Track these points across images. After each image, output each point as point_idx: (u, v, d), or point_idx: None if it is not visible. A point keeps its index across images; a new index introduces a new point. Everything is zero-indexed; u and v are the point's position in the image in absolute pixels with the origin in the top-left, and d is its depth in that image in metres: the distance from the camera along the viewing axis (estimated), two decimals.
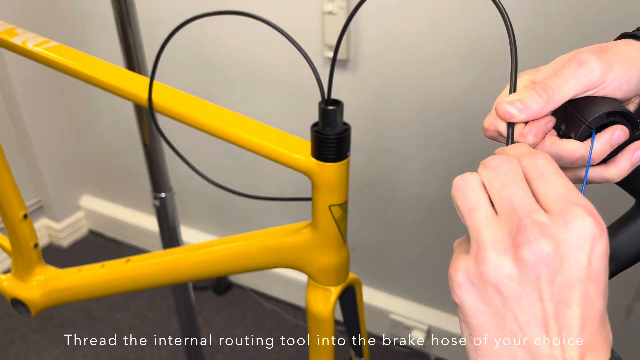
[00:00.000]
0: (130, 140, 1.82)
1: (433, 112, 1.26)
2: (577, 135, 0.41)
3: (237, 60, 1.45)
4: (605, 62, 0.41)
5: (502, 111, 0.41)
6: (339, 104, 0.56)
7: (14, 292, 1.02)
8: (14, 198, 0.96)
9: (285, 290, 1.79)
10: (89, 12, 1.63)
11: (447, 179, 1.34)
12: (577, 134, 0.41)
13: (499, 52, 1.13)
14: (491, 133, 0.44)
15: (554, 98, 0.41)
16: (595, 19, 1.02)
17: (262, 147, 0.61)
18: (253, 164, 1.61)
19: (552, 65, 0.45)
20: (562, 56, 0.45)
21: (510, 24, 0.42)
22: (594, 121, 0.40)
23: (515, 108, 0.41)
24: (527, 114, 0.41)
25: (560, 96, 0.41)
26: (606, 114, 0.40)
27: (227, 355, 1.65)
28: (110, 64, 0.74)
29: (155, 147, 1.04)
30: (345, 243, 0.66)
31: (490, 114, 0.44)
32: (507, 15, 0.42)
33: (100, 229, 2.14)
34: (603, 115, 0.40)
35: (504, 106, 0.41)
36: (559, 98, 0.41)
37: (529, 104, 0.41)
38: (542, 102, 0.41)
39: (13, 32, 0.79)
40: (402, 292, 1.60)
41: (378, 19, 1.21)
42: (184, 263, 0.79)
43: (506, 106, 0.41)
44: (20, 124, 1.83)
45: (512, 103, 0.41)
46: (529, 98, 0.41)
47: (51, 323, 1.76)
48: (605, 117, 0.40)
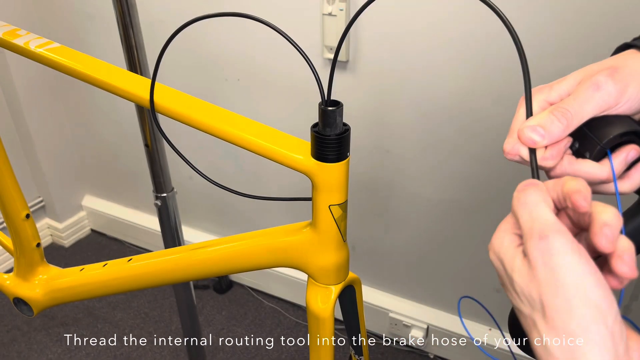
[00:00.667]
0: (132, 141, 1.82)
1: (432, 112, 1.27)
2: (593, 155, 0.43)
3: (237, 62, 1.46)
4: (621, 83, 0.42)
5: (526, 138, 0.43)
6: (338, 104, 0.56)
7: (16, 291, 1.02)
8: (17, 198, 0.96)
9: (285, 289, 1.80)
10: (91, 14, 1.63)
11: (446, 179, 1.34)
12: (592, 154, 0.43)
13: (498, 53, 1.13)
14: (512, 157, 0.45)
15: (572, 123, 0.42)
16: (600, 21, 1.02)
17: (263, 147, 0.62)
18: (253, 164, 1.62)
19: (565, 85, 0.45)
20: (575, 73, 0.45)
21: (521, 47, 0.43)
22: (609, 142, 0.42)
23: (537, 134, 0.42)
24: (549, 139, 0.42)
25: (578, 120, 0.43)
26: (619, 135, 0.42)
27: (227, 354, 1.66)
28: (112, 65, 0.74)
29: (156, 147, 1.04)
30: (345, 242, 0.66)
31: (510, 138, 0.45)
32: (517, 37, 0.43)
33: (102, 229, 2.15)
34: (617, 137, 0.42)
35: (527, 133, 0.43)
36: (577, 122, 0.43)
37: (550, 130, 0.42)
38: (562, 127, 0.42)
39: (16, 34, 0.80)
40: (401, 291, 1.60)
41: (377, 20, 1.21)
42: (185, 262, 0.79)
43: (529, 133, 0.43)
44: (23, 125, 1.84)
45: (534, 129, 0.42)
46: (549, 123, 0.42)
47: (53, 322, 1.76)
48: (619, 137, 0.42)
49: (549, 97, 0.45)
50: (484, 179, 1.29)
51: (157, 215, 1.13)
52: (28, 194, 1.99)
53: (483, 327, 1.51)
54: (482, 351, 1.53)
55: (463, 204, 1.35)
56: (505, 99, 1.17)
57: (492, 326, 1.50)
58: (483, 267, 1.41)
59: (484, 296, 1.46)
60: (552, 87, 0.46)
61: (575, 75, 0.45)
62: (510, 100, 1.17)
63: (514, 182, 1.07)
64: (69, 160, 2.01)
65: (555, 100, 0.45)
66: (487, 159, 1.26)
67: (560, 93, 0.45)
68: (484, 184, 1.30)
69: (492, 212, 1.32)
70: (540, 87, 0.46)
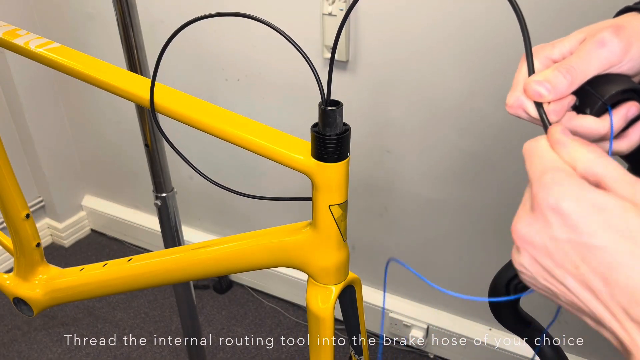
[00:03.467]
0: (132, 141, 1.82)
1: (432, 112, 1.27)
2: (593, 111, 0.43)
3: (237, 61, 1.46)
4: (625, 42, 0.43)
5: (532, 91, 0.43)
6: (338, 104, 0.56)
7: (16, 291, 1.02)
8: (17, 198, 0.96)
9: (285, 289, 1.80)
10: (91, 14, 1.64)
11: (446, 179, 1.34)
12: (592, 110, 0.43)
13: (497, 53, 1.13)
14: (515, 110, 0.45)
15: (577, 79, 0.43)
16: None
17: (263, 147, 0.62)
18: (253, 164, 1.62)
19: (567, 43, 0.45)
20: (577, 32, 0.46)
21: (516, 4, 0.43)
22: (610, 98, 0.42)
23: (544, 88, 0.42)
24: (555, 94, 0.42)
25: (583, 77, 0.43)
26: (621, 92, 0.42)
27: (227, 354, 1.66)
28: (112, 65, 0.74)
29: (156, 147, 1.04)
30: (345, 242, 0.67)
31: (513, 91, 0.45)
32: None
33: (102, 229, 2.15)
34: (618, 93, 0.42)
35: (534, 86, 0.42)
36: (582, 78, 0.43)
37: (555, 84, 0.42)
38: (567, 83, 0.42)
39: (16, 34, 0.80)
40: (401, 291, 1.60)
41: (377, 20, 1.22)
42: (185, 262, 0.79)
43: (536, 86, 0.42)
44: (23, 125, 1.84)
45: (541, 83, 0.42)
46: (555, 79, 0.42)
47: (53, 322, 1.77)
48: (620, 94, 0.42)
49: (551, 55, 0.45)
50: (484, 179, 1.29)
51: (157, 215, 1.13)
52: (28, 194, 1.99)
53: (483, 327, 1.51)
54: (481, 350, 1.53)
55: (463, 203, 1.35)
56: (505, 99, 1.17)
57: (492, 326, 1.50)
58: (483, 266, 1.41)
59: (484, 296, 1.45)
60: (555, 45, 0.46)
61: (577, 34, 0.46)
62: None
63: (514, 181, 1.07)
64: (69, 160, 2.01)
65: (557, 58, 0.45)
66: (488, 159, 1.26)
67: (562, 51, 0.45)
68: (484, 183, 1.30)
69: (493, 212, 1.32)
70: (542, 45, 0.46)
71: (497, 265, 0.66)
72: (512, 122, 1.18)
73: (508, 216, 0.41)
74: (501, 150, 1.24)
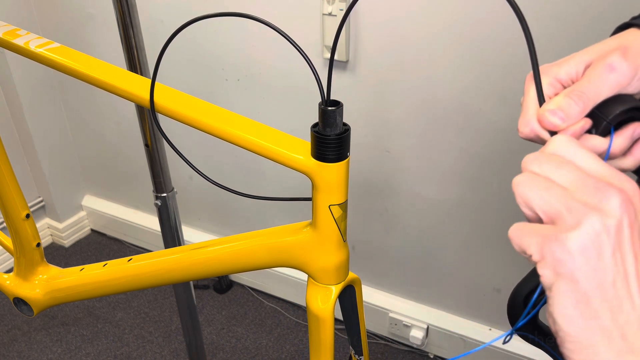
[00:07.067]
0: (132, 141, 1.82)
1: (432, 112, 1.27)
2: (599, 131, 0.44)
3: (237, 62, 1.46)
4: (633, 64, 0.43)
5: (547, 122, 0.43)
6: (338, 104, 0.56)
7: (16, 291, 1.02)
8: (17, 198, 0.97)
9: (285, 289, 1.80)
10: (91, 14, 1.64)
11: (446, 179, 1.34)
12: (598, 130, 0.44)
13: (497, 53, 1.13)
14: (527, 135, 0.45)
15: (589, 105, 0.43)
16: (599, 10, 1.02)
17: (263, 147, 0.62)
18: (253, 164, 1.62)
19: (573, 64, 0.46)
20: (582, 53, 0.46)
21: (525, 23, 0.43)
22: (614, 118, 0.43)
23: (559, 118, 0.43)
24: (568, 123, 0.43)
25: (594, 102, 0.44)
26: (625, 111, 0.43)
27: (228, 354, 1.66)
28: (112, 65, 0.74)
29: (156, 147, 1.04)
30: (345, 242, 0.67)
31: (524, 116, 0.45)
32: (521, 13, 0.43)
33: (102, 229, 2.15)
34: (622, 113, 0.43)
35: (549, 117, 0.43)
36: (593, 104, 0.44)
37: (568, 112, 0.43)
38: (580, 110, 0.43)
39: (16, 34, 0.80)
40: (401, 291, 1.61)
41: (377, 20, 1.22)
42: (185, 262, 0.79)
43: (550, 117, 0.43)
44: (23, 125, 1.84)
45: (555, 113, 0.43)
46: (568, 107, 0.43)
47: (53, 321, 1.77)
48: (624, 113, 0.44)
49: (557, 74, 0.46)
50: (484, 179, 1.29)
51: (157, 215, 1.13)
52: (28, 194, 1.99)
53: (483, 327, 1.51)
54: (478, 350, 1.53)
55: (463, 203, 1.35)
56: (506, 98, 1.17)
57: (492, 326, 1.50)
58: (483, 266, 1.41)
59: (484, 296, 1.46)
60: (561, 65, 0.46)
61: (582, 55, 0.46)
62: (511, 99, 1.17)
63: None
64: (69, 160, 2.01)
65: (563, 79, 0.46)
66: (488, 159, 1.26)
67: (569, 71, 0.46)
68: (484, 183, 1.30)
69: (493, 211, 1.32)
70: (547, 66, 0.47)
71: (497, 265, 0.66)
72: (512, 122, 1.18)
73: (508, 216, 0.41)
74: (501, 150, 1.24)
